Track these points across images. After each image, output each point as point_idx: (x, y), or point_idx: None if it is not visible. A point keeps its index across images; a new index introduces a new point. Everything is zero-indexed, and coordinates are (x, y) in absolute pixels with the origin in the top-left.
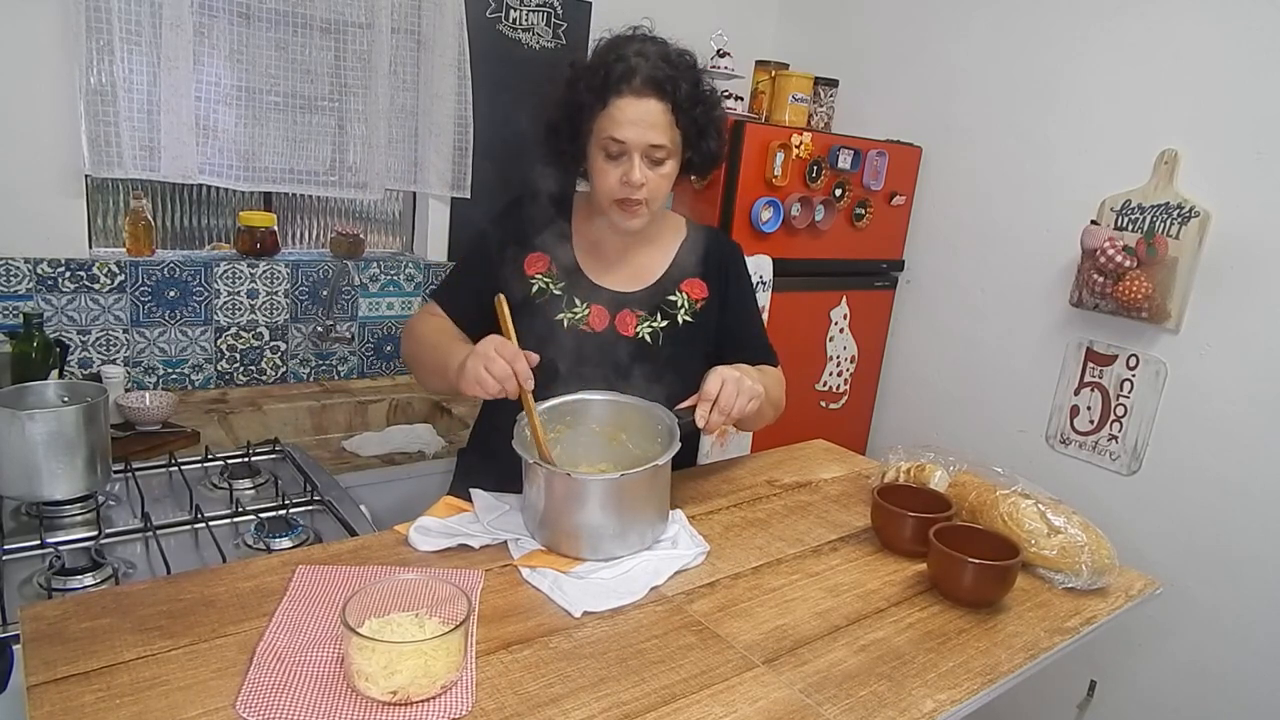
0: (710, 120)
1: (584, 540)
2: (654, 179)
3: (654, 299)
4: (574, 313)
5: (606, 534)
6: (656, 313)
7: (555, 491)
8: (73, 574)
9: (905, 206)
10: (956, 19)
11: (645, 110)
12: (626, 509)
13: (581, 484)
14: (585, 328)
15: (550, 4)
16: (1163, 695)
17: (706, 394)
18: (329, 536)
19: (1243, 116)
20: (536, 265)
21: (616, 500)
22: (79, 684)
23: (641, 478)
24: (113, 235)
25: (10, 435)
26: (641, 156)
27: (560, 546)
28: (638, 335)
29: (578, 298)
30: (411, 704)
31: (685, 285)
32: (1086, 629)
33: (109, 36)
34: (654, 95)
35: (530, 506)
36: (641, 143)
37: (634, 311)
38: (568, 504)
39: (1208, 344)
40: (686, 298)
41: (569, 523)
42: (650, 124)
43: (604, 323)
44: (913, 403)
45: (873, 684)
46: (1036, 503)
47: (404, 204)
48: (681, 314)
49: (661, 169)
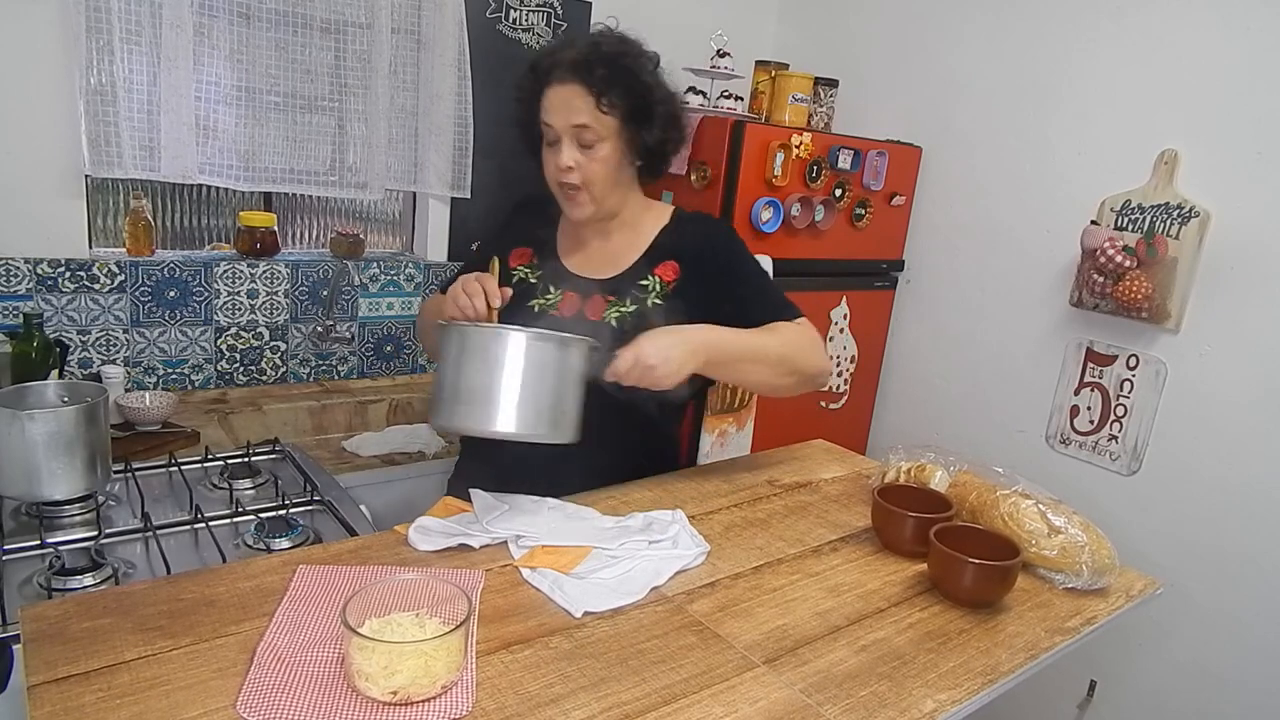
0: (646, 108)
1: (478, 405)
2: (587, 163)
3: (625, 285)
4: (546, 299)
5: (501, 399)
6: (626, 298)
7: (464, 348)
8: (73, 574)
9: (905, 207)
10: (957, 19)
11: (568, 94)
12: (530, 380)
13: (484, 335)
14: (554, 313)
15: (550, 4)
16: (1163, 695)
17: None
18: (329, 536)
19: (1243, 116)
20: (520, 258)
21: (516, 363)
22: (79, 684)
23: (550, 350)
24: (113, 235)
25: (10, 435)
26: (572, 141)
27: (456, 418)
28: (604, 320)
29: (552, 285)
30: (412, 704)
31: (659, 269)
32: (1087, 629)
33: (109, 36)
34: (576, 80)
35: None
36: (566, 125)
37: (605, 297)
38: (470, 359)
39: (1208, 344)
40: (658, 281)
41: (467, 385)
42: (573, 107)
43: (574, 309)
44: (913, 403)
45: (873, 684)
46: (1037, 503)
47: (404, 204)
48: (651, 297)
49: (595, 153)
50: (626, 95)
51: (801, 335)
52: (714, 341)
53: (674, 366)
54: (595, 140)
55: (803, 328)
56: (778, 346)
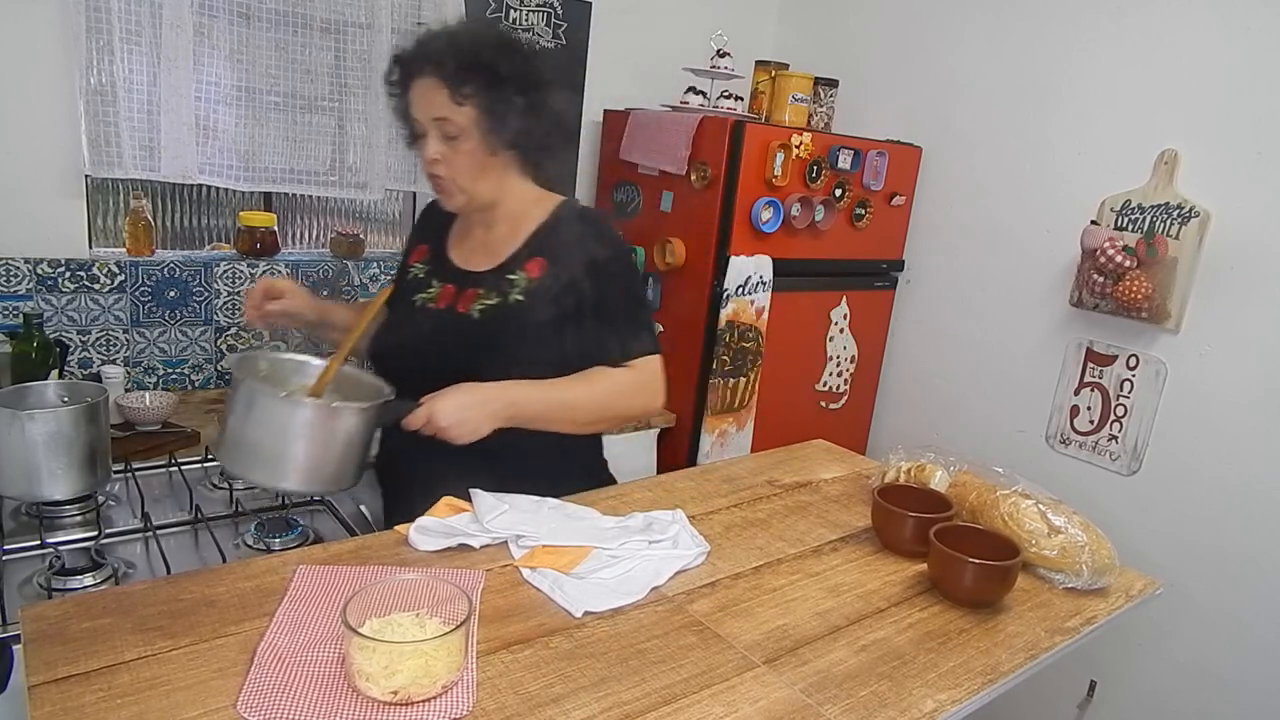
0: (504, 100)
1: (263, 462)
2: (451, 156)
3: (497, 277)
4: (428, 293)
5: (288, 465)
6: (494, 291)
7: (251, 406)
8: (73, 574)
9: (905, 207)
10: (957, 19)
11: (426, 87)
12: (314, 447)
13: (271, 402)
14: (431, 306)
15: (550, 4)
16: (1163, 695)
17: (430, 400)
18: (329, 536)
19: (1243, 116)
20: (418, 255)
21: (301, 431)
22: (79, 684)
23: (334, 419)
24: (113, 235)
25: (10, 435)
26: (436, 134)
27: (240, 467)
28: (469, 313)
29: (436, 279)
30: (412, 704)
31: (529, 264)
32: (1086, 629)
33: (109, 36)
34: (433, 73)
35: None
36: (427, 119)
37: (476, 290)
38: (257, 420)
39: (1208, 344)
40: (525, 276)
41: (254, 440)
42: (431, 101)
43: (448, 301)
44: (913, 403)
45: (873, 684)
46: (1037, 503)
47: (404, 204)
48: (514, 293)
49: (458, 145)
50: (483, 88)
51: (625, 381)
52: (517, 402)
53: (469, 428)
54: (457, 132)
55: (633, 372)
56: (591, 400)
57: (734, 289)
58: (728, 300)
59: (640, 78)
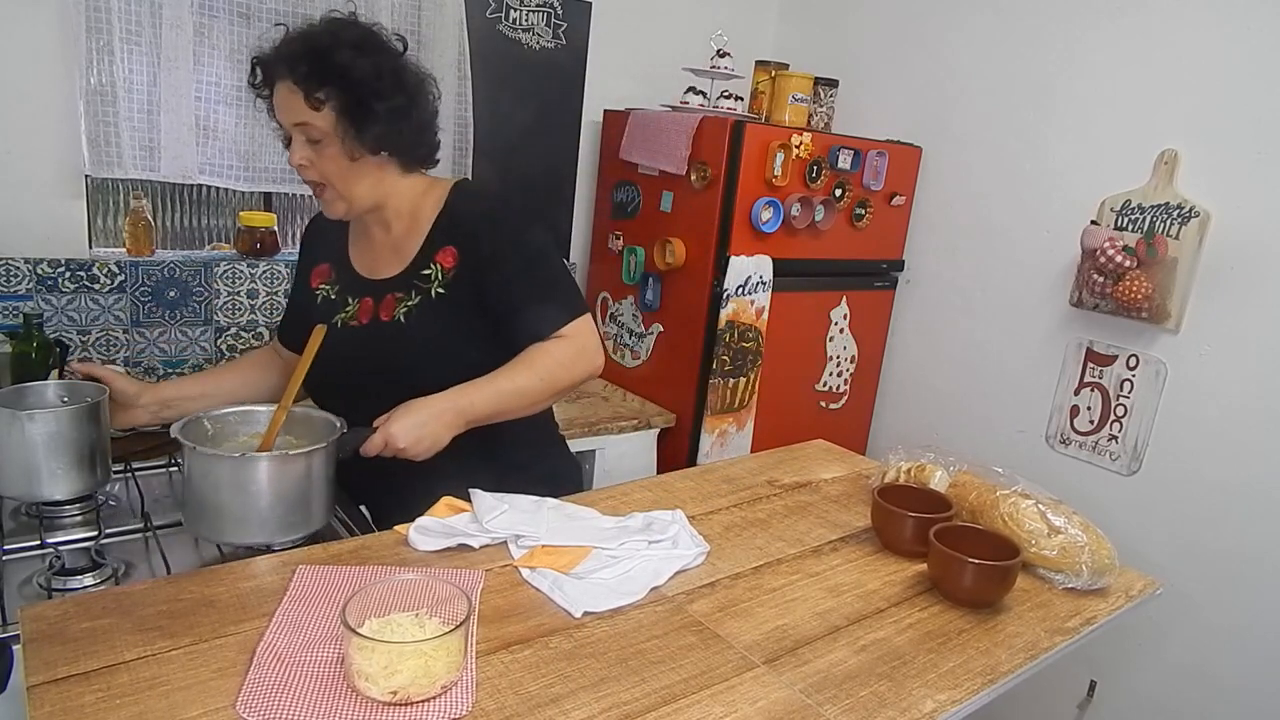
0: (362, 102)
1: (230, 522)
2: (319, 160)
3: (410, 278)
4: (346, 312)
5: (252, 519)
6: (411, 291)
7: (207, 472)
8: (73, 574)
9: (905, 207)
10: (956, 19)
11: (284, 92)
12: (275, 494)
13: (225, 463)
14: (354, 323)
15: (550, 4)
16: (1162, 695)
17: (384, 424)
18: (329, 536)
19: (1243, 116)
20: (320, 276)
21: (260, 484)
22: (79, 684)
23: (289, 465)
24: (113, 235)
25: (10, 435)
26: (300, 138)
27: (207, 531)
28: (394, 318)
29: (350, 296)
30: (412, 704)
31: (439, 255)
32: (1086, 629)
33: (109, 37)
34: (288, 77)
35: None
36: (289, 124)
37: (394, 295)
38: (216, 484)
39: (1208, 344)
40: (440, 268)
41: (215, 502)
42: (289, 105)
43: (369, 314)
44: (913, 403)
45: (873, 684)
46: (1037, 503)
47: None
48: (434, 287)
49: (323, 149)
50: (337, 91)
51: (563, 352)
52: (466, 407)
53: (427, 444)
54: (320, 136)
55: (568, 342)
56: (538, 381)
57: (734, 289)
58: (728, 300)
59: (640, 78)
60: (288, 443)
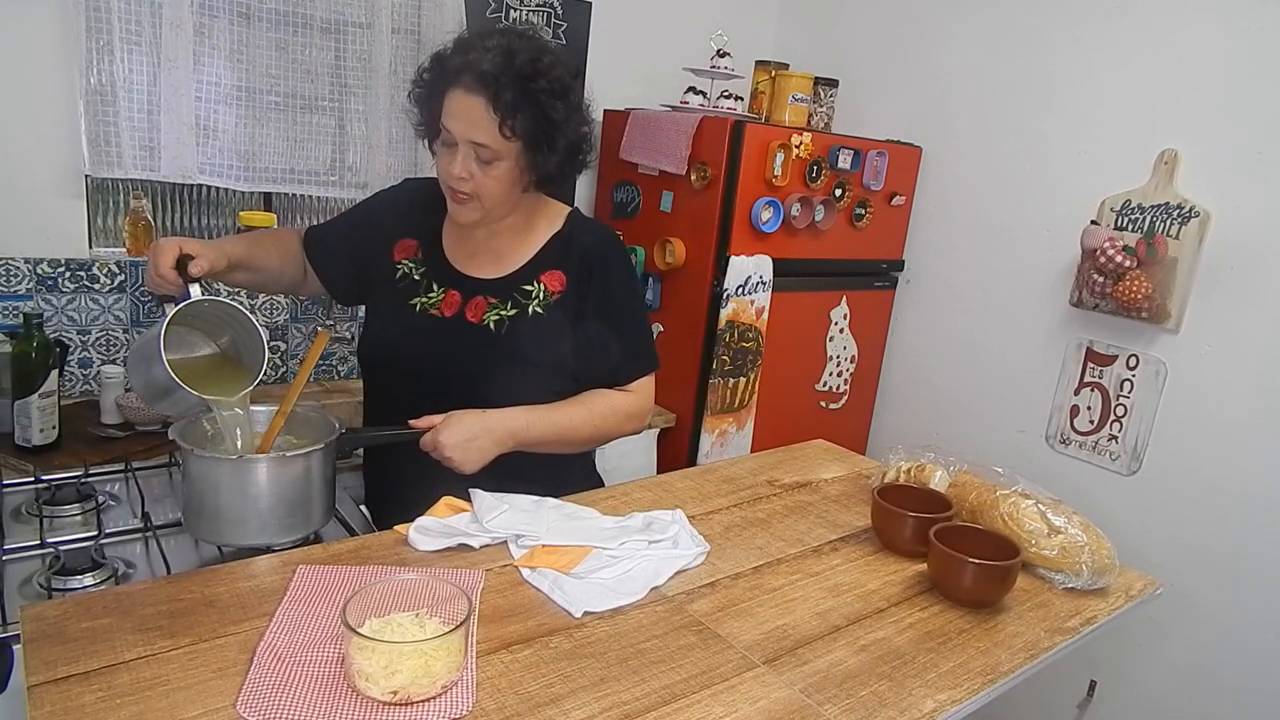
0: (550, 139)
1: (233, 524)
2: (482, 178)
3: (509, 287)
4: (429, 298)
5: (252, 521)
6: (508, 301)
7: (207, 475)
8: (73, 574)
9: (905, 207)
10: (956, 19)
11: (471, 106)
12: (276, 495)
13: (225, 466)
14: (435, 312)
15: (550, 4)
16: (1162, 695)
17: (435, 431)
18: (329, 536)
19: (1243, 116)
20: (404, 251)
21: (260, 487)
22: (79, 684)
23: (289, 466)
24: (113, 235)
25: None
26: (470, 152)
27: (209, 534)
28: (483, 322)
29: (435, 283)
30: (412, 704)
31: (545, 276)
32: (1086, 629)
33: (109, 36)
34: (482, 94)
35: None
36: (465, 137)
37: (487, 299)
38: (216, 487)
39: (1208, 344)
40: (544, 288)
41: (215, 505)
42: (473, 121)
43: (454, 309)
44: (913, 403)
45: (873, 684)
46: (1037, 503)
47: None
48: (534, 304)
49: (492, 170)
50: (531, 123)
51: (625, 406)
52: (519, 430)
53: (474, 458)
54: (493, 158)
55: (631, 397)
56: (589, 425)
57: (734, 289)
58: (728, 300)
59: (640, 78)
60: (287, 443)
